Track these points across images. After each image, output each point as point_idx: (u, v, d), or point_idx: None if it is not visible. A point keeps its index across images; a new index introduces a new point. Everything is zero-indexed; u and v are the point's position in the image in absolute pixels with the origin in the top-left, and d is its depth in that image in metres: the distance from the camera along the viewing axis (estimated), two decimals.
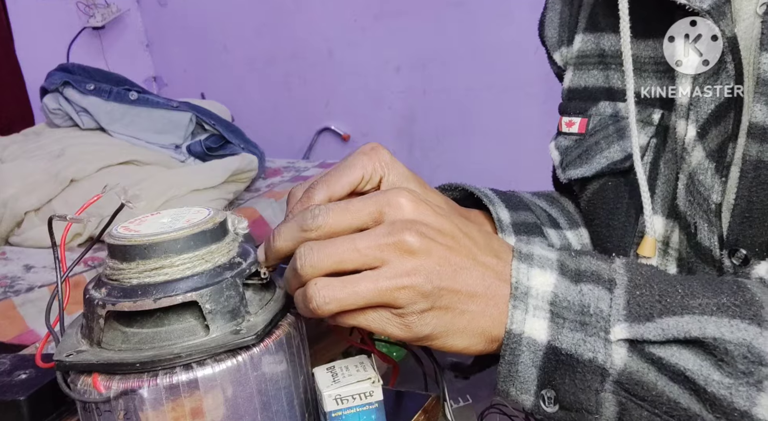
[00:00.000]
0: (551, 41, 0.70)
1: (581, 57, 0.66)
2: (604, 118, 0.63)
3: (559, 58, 0.71)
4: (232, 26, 3.16)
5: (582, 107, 0.65)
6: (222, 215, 0.48)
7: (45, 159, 2.11)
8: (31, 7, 2.84)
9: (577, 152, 0.66)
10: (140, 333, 0.44)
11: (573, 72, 0.67)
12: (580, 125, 0.65)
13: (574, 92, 0.67)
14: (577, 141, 0.66)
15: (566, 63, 0.69)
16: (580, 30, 0.67)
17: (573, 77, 0.67)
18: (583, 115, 0.65)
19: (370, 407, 0.48)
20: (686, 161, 0.57)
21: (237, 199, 2.17)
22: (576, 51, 0.67)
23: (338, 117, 3.07)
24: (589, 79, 0.65)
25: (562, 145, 0.68)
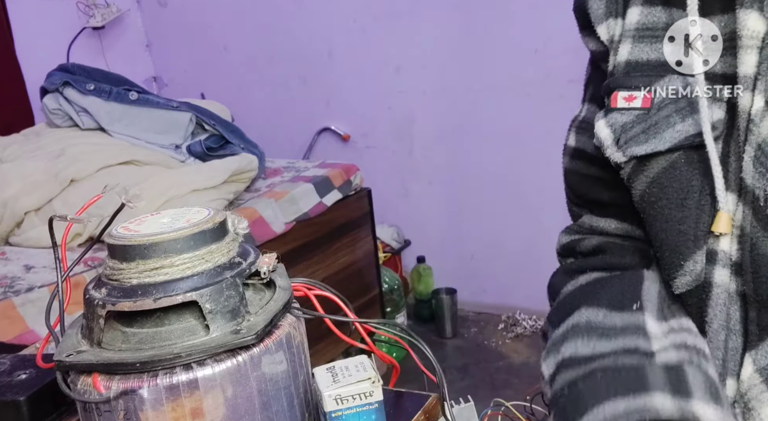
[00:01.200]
0: (597, 13, 0.67)
1: (642, 29, 0.63)
2: (671, 92, 0.61)
3: (605, 31, 0.67)
4: (232, 26, 3.16)
5: (646, 81, 0.62)
6: (222, 215, 0.48)
7: (45, 159, 2.11)
8: (31, 7, 2.84)
9: (640, 127, 0.63)
10: (140, 333, 0.44)
11: (632, 44, 0.64)
12: (643, 100, 0.62)
13: (635, 65, 0.64)
14: (640, 116, 0.62)
15: (615, 36, 0.66)
16: (637, 3, 0.64)
17: (633, 50, 0.64)
18: (647, 89, 0.62)
19: (370, 407, 0.48)
20: (753, 133, 0.56)
21: (237, 199, 2.16)
22: (634, 23, 0.64)
23: (338, 117, 3.07)
24: (652, 52, 0.63)
25: (618, 121, 0.64)
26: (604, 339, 0.62)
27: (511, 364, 2.60)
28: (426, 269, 2.96)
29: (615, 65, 0.65)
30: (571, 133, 0.77)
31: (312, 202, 2.24)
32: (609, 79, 0.65)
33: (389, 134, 2.96)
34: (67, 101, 2.30)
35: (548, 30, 2.44)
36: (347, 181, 2.39)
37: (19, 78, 2.76)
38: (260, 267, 0.48)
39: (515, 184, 2.72)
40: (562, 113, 0.89)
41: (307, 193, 2.24)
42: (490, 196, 2.80)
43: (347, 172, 2.41)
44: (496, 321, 2.88)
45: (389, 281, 2.74)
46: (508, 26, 2.57)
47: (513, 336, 2.77)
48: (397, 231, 3.02)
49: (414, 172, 2.96)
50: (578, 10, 0.70)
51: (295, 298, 0.51)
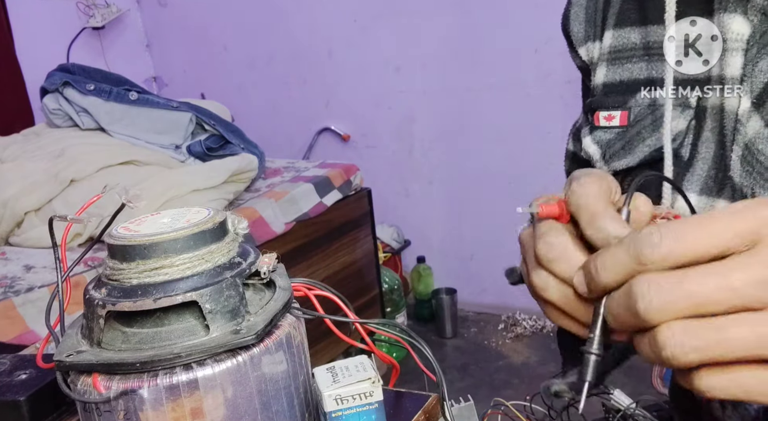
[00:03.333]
0: (577, 36, 0.72)
1: (614, 52, 0.67)
2: (643, 108, 0.65)
3: (585, 53, 0.72)
4: (232, 26, 3.16)
5: (621, 100, 0.66)
6: (222, 215, 0.48)
7: (45, 159, 2.11)
8: (31, 7, 2.84)
9: (620, 144, 0.67)
10: (140, 333, 0.44)
11: (607, 67, 0.68)
12: (621, 118, 0.66)
13: (610, 87, 0.68)
14: (620, 134, 0.66)
15: (593, 58, 0.70)
16: (610, 26, 0.68)
17: (607, 72, 0.68)
18: (623, 108, 0.66)
19: (370, 407, 0.48)
20: (740, 133, 0.57)
21: (237, 199, 2.16)
22: (608, 47, 0.68)
23: (338, 117, 3.07)
24: (624, 72, 0.66)
25: (603, 138, 0.68)
26: None
27: (511, 364, 2.60)
28: (426, 269, 2.96)
29: (594, 87, 0.69)
30: (570, 139, 0.81)
31: (312, 203, 2.24)
32: (590, 99, 0.69)
33: (389, 134, 2.96)
34: (67, 101, 2.30)
35: (548, 30, 2.44)
36: (347, 181, 2.38)
37: (19, 78, 2.76)
38: (260, 267, 0.48)
39: (515, 184, 2.72)
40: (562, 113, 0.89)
41: (307, 193, 2.24)
42: (490, 196, 2.80)
43: (347, 172, 2.40)
44: (496, 321, 2.88)
45: (389, 281, 2.74)
46: (508, 26, 2.57)
47: (513, 336, 2.77)
48: (397, 231, 3.02)
49: (414, 172, 2.96)
50: (563, 30, 0.74)
51: (295, 298, 0.51)
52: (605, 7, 0.69)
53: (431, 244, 3.02)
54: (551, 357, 2.59)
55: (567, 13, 0.73)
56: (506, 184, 2.74)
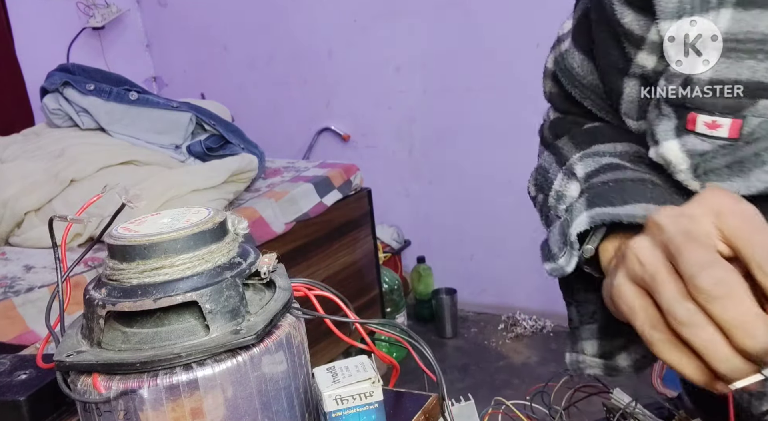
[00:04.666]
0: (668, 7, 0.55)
1: (734, 41, 0.52)
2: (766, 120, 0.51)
3: (675, 30, 0.55)
4: (232, 26, 3.16)
5: (734, 106, 0.52)
6: (222, 215, 0.48)
7: (45, 159, 2.11)
8: (31, 7, 2.84)
9: (724, 160, 0.53)
10: (140, 333, 0.44)
11: (719, 59, 0.53)
12: (731, 129, 0.52)
13: (720, 85, 0.53)
14: (725, 147, 0.53)
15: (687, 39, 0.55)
16: (729, 3, 0.52)
17: (719, 67, 0.53)
18: (734, 116, 0.52)
19: (370, 407, 0.48)
20: None
21: (237, 199, 2.17)
22: (725, 31, 0.52)
23: (338, 117, 3.07)
24: (743, 70, 0.51)
25: (697, 148, 0.54)
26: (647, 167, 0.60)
27: (511, 364, 2.60)
28: (426, 269, 2.96)
29: (696, 79, 0.54)
30: (551, 58, 0.74)
31: (312, 203, 2.24)
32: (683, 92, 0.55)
33: (389, 134, 2.96)
34: (67, 101, 2.30)
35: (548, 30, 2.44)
36: (347, 182, 2.39)
37: (19, 78, 2.76)
38: (260, 267, 0.48)
39: (515, 184, 2.71)
40: None
41: (307, 193, 2.24)
42: (490, 196, 2.80)
43: (347, 172, 2.41)
44: (496, 321, 2.89)
45: (389, 281, 2.74)
46: (507, 26, 2.57)
47: (513, 336, 2.77)
48: (397, 231, 3.02)
49: (414, 172, 2.96)
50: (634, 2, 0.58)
51: (295, 298, 0.51)
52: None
53: (431, 244, 3.02)
54: (551, 357, 2.59)
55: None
56: (506, 184, 2.74)
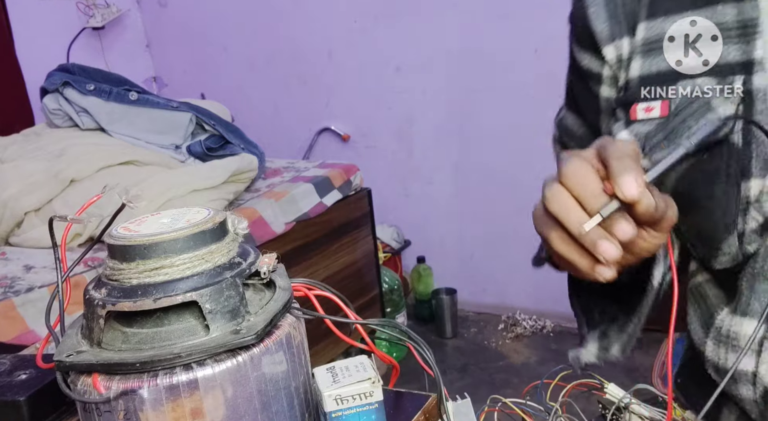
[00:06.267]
0: (603, 35, 0.70)
1: (647, 43, 0.67)
2: (685, 97, 0.65)
3: (612, 51, 0.70)
4: (232, 26, 3.16)
5: (660, 91, 0.66)
6: (222, 215, 0.48)
7: (45, 159, 2.11)
8: (31, 7, 2.84)
9: (662, 135, 0.67)
10: (140, 333, 0.44)
11: (642, 60, 0.68)
12: (661, 109, 0.66)
13: (646, 79, 0.68)
14: (660, 125, 0.66)
15: (623, 55, 0.70)
16: (642, 18, 0.68)
17: (643, 65, 0.68)
18: (662, 99, 0.66)
19: (370, 407, 0.48)
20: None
21: (237, 199, 2.16)
22: (641, 39, 0.68)
23: (338, 117, 3.07)
24: (660, 63, 0.66)
25: (641, 131, 0.68)
26: None
27: (511, 364, 2.60)
28: (426, 269, 2.96)
29: (628, 81, 0.68)
30: (554, 126, 0.84)
31: (312, 203, 2.24)
32: (623, 94, 0.69)
33: (389, 134, 2.96)
34: (67, 101, 2.30)
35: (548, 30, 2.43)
36: (347, 182, 2.39)
37: (19, 78, 2.76)
38: (260, 267, 0.48)
39: (515, 184, 2.72)
40: None
41: (307, 193, 2.24)
42: (490, 196, 2.80)
43: (347, 172, 2.40)
44: (496, 321, 2.88)
45: (389, 281, 2.74)
46: (507, 26, 2.57)
47: (513, 336, 2.77)
48: (397, 231, 3.02)
49: (414, 172, 2.96)
50: (579, 26, 0.72)
51: (295, 298, 0.51)
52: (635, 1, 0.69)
53: (431, 244, 3.01)
54: (551, 357, 2.59)
55: (584, 14, 0.72)
56: (506, 184, 2.74)
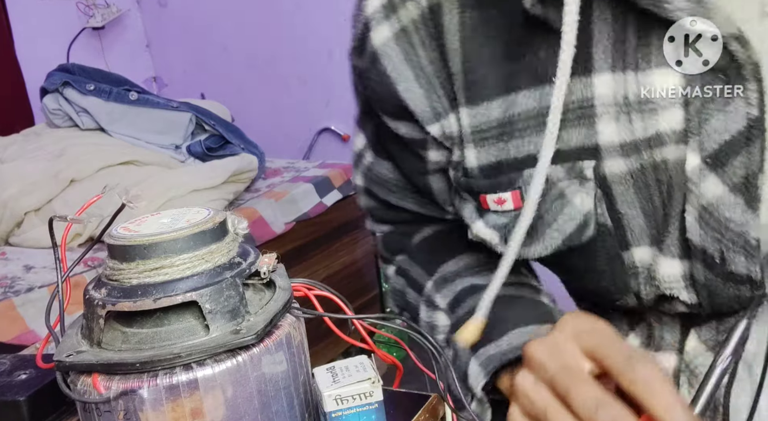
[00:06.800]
0: (424, 116, 0.61)
1: (478, 132, 0.59)
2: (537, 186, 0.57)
3: (439, 129, 0.62)
4: (232, 26, 3.16)
5: (506, 181, 0.59)
6: (222, 215, 0.48)
7: (45, 159, 2.11)
8: (31, 7, 2.84)
9: None
10: (140, 333, 0.44)
11: (476, 150, 0.60)
12: (513, 200, 0.59)
13: (487, 169, 0.60)
14: (517, 216, 0.58)
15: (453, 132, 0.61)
16: (462, 104, 0.59)
17: (479, 155, 0.60)
18: (512, 188, 0.58)
19: (370, 407, 0.48)
20: (694, 193, 0.53)
21: (237, 199, 2.16)
22: (469, 127, 0.59)
23: (338, 117, 3.07)
24: (498, 152, 0.59)
25: (498, 222, 0.61)
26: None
27: None
28: None
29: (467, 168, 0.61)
30: (358, 175, 0.76)
31: (312, 203, 2.24)
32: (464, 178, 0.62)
33: None
34: (67, 101, 2.30)
35: None
36: (347, 182, 2.39)
37: (19, 78, 2.75)
38: (260, 267, 0.49)
39: None
40: None
41: (307, 193, 2.24)
42: None
43: (347, 172, 2.40)
44: None
45: None
46: None
47: None
48: None
49: None
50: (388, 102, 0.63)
51: (295, 298, 0.51)
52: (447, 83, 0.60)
53: None
54: None
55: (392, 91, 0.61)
56: None
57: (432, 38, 0.59)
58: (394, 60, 0.60)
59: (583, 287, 0.66)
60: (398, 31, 0.60)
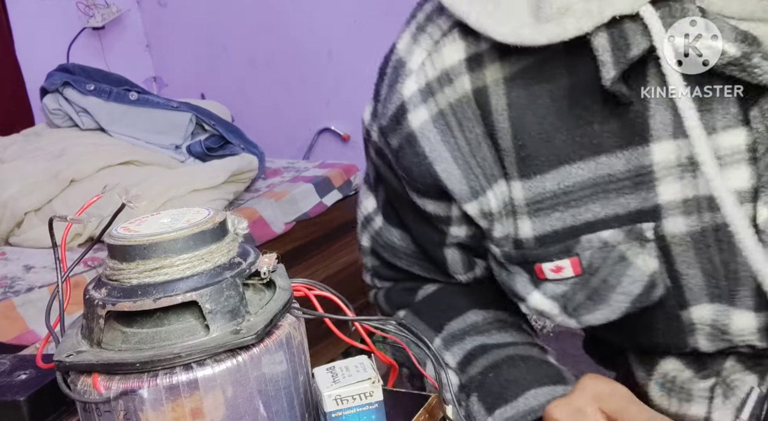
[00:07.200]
0: (462, 195, 0.62)
1: (534, 204, 0.60)
2: (595, 251, 0.58)
3: (476, 206, 0.62)
4: (232, 26, 3.16)
5: (564, 249, 0.59)
6: (222, 215, 0.48)
7: (45, 159, 2.11)
8: (31, 7, 2.84)
9: (583, 294, 0.60)
10: (140, 333, 0.44)
11: (531, 220, 0.60)
12: (573, 267, 0.59)
13: (544, 239, 0.60)
14: (577, 284, 0.60)
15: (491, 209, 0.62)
16: (515, 178, 0.60)
17: (535, 225, 0.60)
18: (569, 255, 0.59)
19: (370, 407, 0.48)
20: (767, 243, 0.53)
21: (237, 199, 2.16)
22: (523, 199, 0.60)
23: (338, 117, 3.07)
24: (554, 222, 0.59)
25: (557, 291, 0.61)
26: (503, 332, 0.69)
27: None
28: None
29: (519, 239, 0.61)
30: (365, 237, 0.77)
31: (312, 203, 2.24)
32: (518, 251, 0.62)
33: None
34: (67, 102, 2.30)
35: None
36: (347, 182, 2.39)
37: (19, 78, 2.75)
38: (260, 267, 0.48)
39: None
40: None
41: (307, 193, 2.24)
42: None
43: (347, 172, 2.41)
44: None
45: None
46: None
47: None
48: None
49: None
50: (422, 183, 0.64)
51: (295, 298, 0.51)
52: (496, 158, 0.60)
53: None
54: None
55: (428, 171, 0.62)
56: None
57: (474, 120, 0.60)
58: (432, 141, 0.61)
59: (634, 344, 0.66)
60: (436, 113, 0.61)
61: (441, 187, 0.62)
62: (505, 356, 0.66)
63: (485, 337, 0.68)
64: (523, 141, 0.59)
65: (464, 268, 0.71)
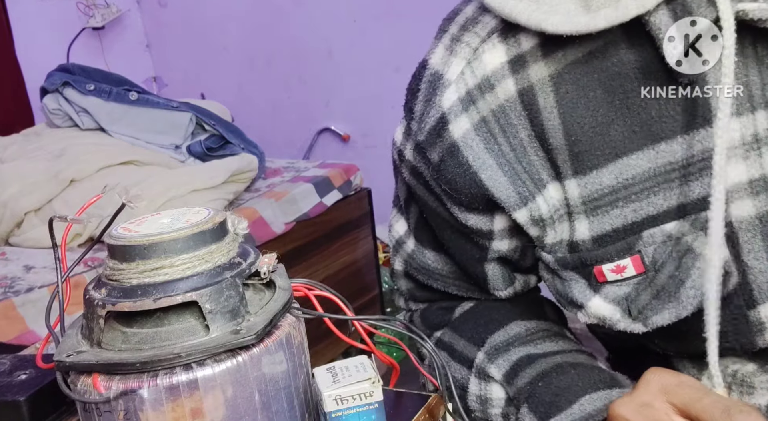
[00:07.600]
0: (510, 202, 0.60)
1: (590, 201, 0.58)
2: (658, 246, 0.56)
3: (526, 213, 0.60)
4: (232, 26, 3.16)
5: (625, 247, 0.57)
6: (222, 215, 0.48)
7: (45, 159, 2.11)
8: (31, 7, 2.84)
9: (648, 294, 0.57)
10: (140, 333, 0.44)
11: (589, 220, 0.59)
12: (635, 265, 0.57)
13: (603, 238, 0.58)
14: (640, 283, 0.57)
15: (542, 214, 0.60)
16: (569, 176, 0.58)
17: (592, 225, 0.58)
18: (631, 254, 0.57)
19: (370, 407, 0.48)
20: None
21: (237, 199, 2.16)
22: (579, 198, 0.58)
23: (338, 117, 3.07)
24: (614, 219, 0.57)
25: (618, 293, 0.58)
26: (548, 341, 0.67)
27: None
28: None
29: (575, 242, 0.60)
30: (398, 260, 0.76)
31: (312, 203, 2.24)
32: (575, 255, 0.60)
33: (389, 134, 2.95)
34: (67, 102, 2.30)
35: None
36: (347, 182, 2.39)
37: (19, 78, 2.75)
38: (260, 267, 0.48)
39: None
40: None
41: (307, 193, 2.24)
42: None
43: (347, 172, 2.41)
44: None
45: (389, 281, 2.74)
46: None
47: None
48: None
49: None
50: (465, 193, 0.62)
51: (295, 298, 0.51)
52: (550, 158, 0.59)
53: None
54: None
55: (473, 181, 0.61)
56: None
57: (518, 124, 0.59)
58: (475, 150, 0.60)
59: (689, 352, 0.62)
60: (478, 121, 0.60)
61: (487, 197, 0.61)
62: (553, 364, 0.63)
63: (530, 347, 0.66)
64: (576, 137, 0.57)
65: (504, 283, 0.69)
